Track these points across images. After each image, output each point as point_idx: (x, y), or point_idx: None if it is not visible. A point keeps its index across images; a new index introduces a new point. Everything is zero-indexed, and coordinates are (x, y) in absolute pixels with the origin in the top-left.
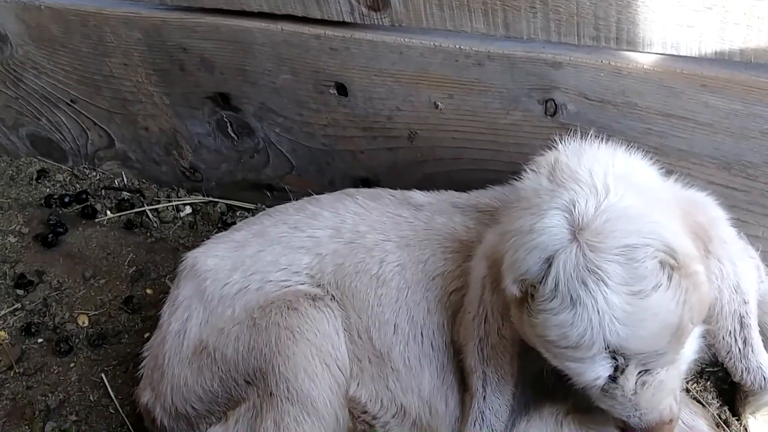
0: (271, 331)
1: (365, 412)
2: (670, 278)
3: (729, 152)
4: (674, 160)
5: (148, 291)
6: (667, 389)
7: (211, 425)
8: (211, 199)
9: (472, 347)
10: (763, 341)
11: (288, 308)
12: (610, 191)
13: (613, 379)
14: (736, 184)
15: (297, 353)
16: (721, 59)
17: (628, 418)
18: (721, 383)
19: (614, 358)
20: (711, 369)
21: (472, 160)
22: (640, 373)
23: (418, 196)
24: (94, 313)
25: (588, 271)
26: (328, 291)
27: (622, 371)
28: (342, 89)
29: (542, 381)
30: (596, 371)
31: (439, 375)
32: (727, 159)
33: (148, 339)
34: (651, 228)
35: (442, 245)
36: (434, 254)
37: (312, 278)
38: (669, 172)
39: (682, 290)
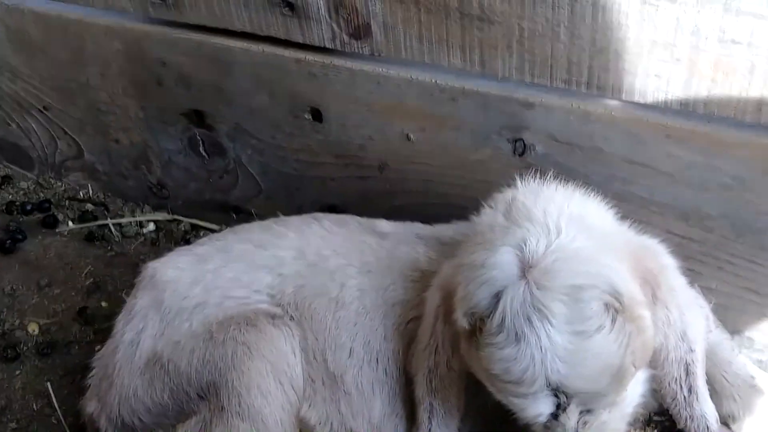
0: (228, 346)
1: None
2: (613, 321)
3: (688, 203)
4: (635, 207)
5: (103, 304)
6: (608, 431)
7: None
8: (176, 217)
9: (421, 377)
10: (711, 391)
11: (247, 324)
12: (562, 232)
13: (555, 416)
14: (693, 235)
15: (252, 369)
16: (685, 111)
17: None
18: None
19: (556, 396)
20: (658, 418)
21: (441, 194)
22: (582, 412)
23: (383, 224)
24: (45, 321)
25: (533, 308)
26: (287, 311)
27: (564, 409)
28: (317, 115)
29: (490, 416)
30: (538, 408)
31: (391, 402)
32: (686, 210)
33: (99, 351)
34: (598, 270)
35: (404, 274)
36: (395, 282)
37: (272, 297)
38: (628, 219)
39: (625, 333)
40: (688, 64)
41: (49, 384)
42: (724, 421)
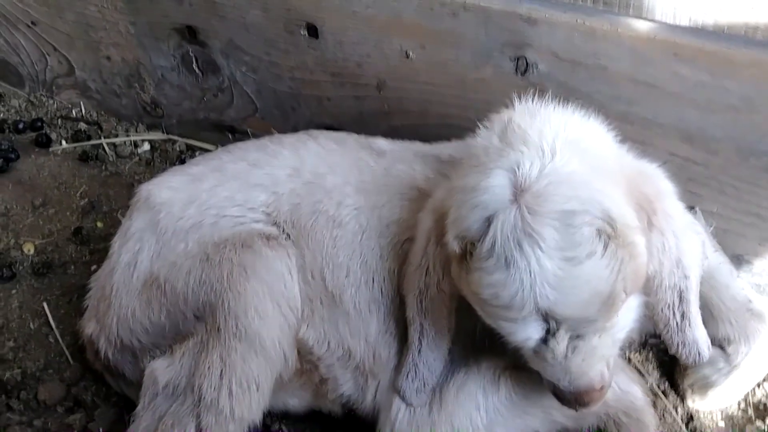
0: (224, 267)
1: (311, 353)
2: (605, 247)
3: (693, 124)
4: (638, 128)
5: (99, 224)
6: (598, 356)
7: (155, 358)
8: (170, 136)
9: (412, 298)
10: (707, 314)
11: (242, 246)
12: (557, 155)
13: (544, 341)
14: (697, 157)
15: (248, 290)
16: (694, 28)
17: (558, 381)
18: (662, 355)
19: (546, 321)
20: (654, 340)
21: (439, 114)
22: (571, 338)
23: (381, 142)
24: (40, 241)
25: (524, 233)
26: (283, 230)
27: (553, 334)
28: (313, 30)
29: (479, 338)
30: (527, 332)
31: (386, 322)
32: (690, 131)
33: (95, 272)
34: (592, 195)
35: (400, 192)
36: (391, 201)
37: (268, 216)
38: (630, 140)
39: (617, 260)
40: None
41: (45, 304)
42: (720, 344)
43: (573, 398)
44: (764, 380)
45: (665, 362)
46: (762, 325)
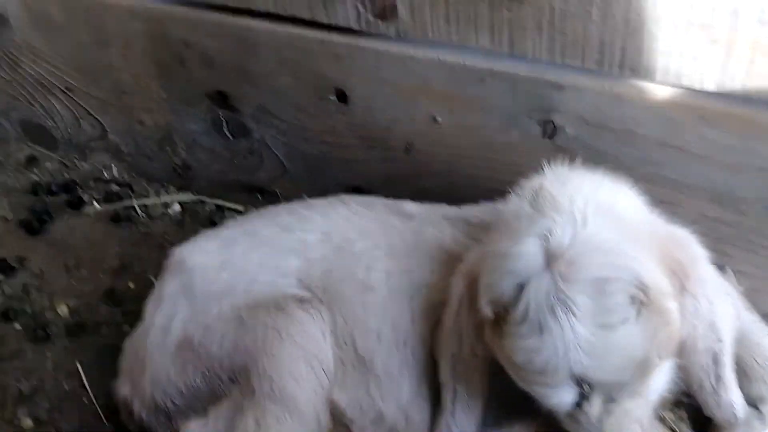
0: (258, 330)
1: (344, 416)
2: (639, 313)
3: (722, 186)
4: (667, 191)
5: (131, 285)
6: (632, 418)
7: (189, 420)
8: (201, 198)
9: (445, 362)
10: (740, 373)
11: (276, 309)
12: (588, 222)
13: (578, 405)
14: (726, 218)
15: (283, 353)
16: (721, 93)
17: None
18: (696, 413)
19: (579, 385)
20: (687, 399)
21: (467, 176)
22: (605, 401)
23: (410, 206)
24: (74, 302)
25: (557, 300)
26: (315, 295)
27: (587, 398)
28: (342, 96)
29: (513, 402)
30: (561, 396)
31: (418, 385)
32: (720, 193)
33: (128, 332)
34: (624, 262)
35: (430, 256)
36: (421, 264)
37: (300, 282)
38: (659, 202)
39: (650, 326)
40: (725, 45)
41: (79, 365)
42: (753, 404)
43: None
44: None
45: (698, 421)
46: None
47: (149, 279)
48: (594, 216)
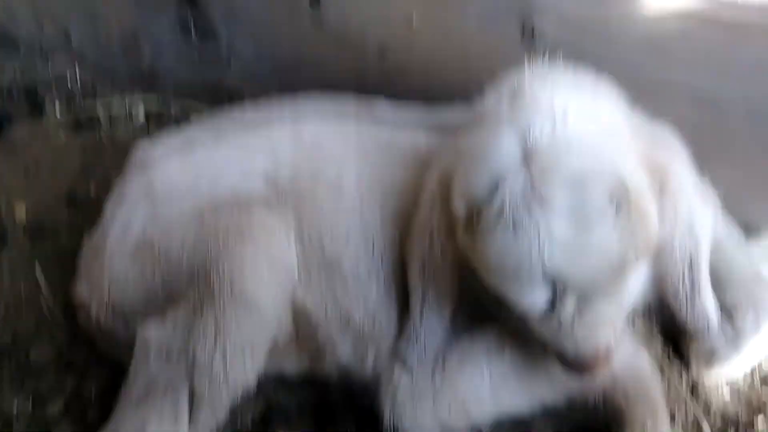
0: (220, 231)
1: (309, 319)
2: (617, 213)
3: (704, 89)
4: (649, 92)
5: (92, 190)
6: (604, 321)
7: (147, 322)
8: (167, 102)
9: (414, 265)
10: (716, 282)
11: (239, 210)
12: (568, 120)
13: (550, 307)
14: (708, 122)
15: (244, 255)
16: None
17: (564, 348)
18: (668, 324)
19: (553, 286)
20: (659, 308)
21: (442, 83)
22: (578, 302)
23: (383, 108)
24: (33, 206)
25: (534, 196)
26: (282, 196)
27: (560, 299)
28: None
29: (484, 305)
30: (534, 297)
31: (387, 290)
32: (701, 96)
33: (88, 236)
34: (604, 160)
35: (402, 160)
36: (393, 168)
37: (267, 182)
38: (641, 104)
39: (628, 227)
40: None
41: (37, 267)
42: (728, 314)
43: (578, 365)
44: None
45: (670, 331)
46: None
47: (111, 184)
48: (574, 115)
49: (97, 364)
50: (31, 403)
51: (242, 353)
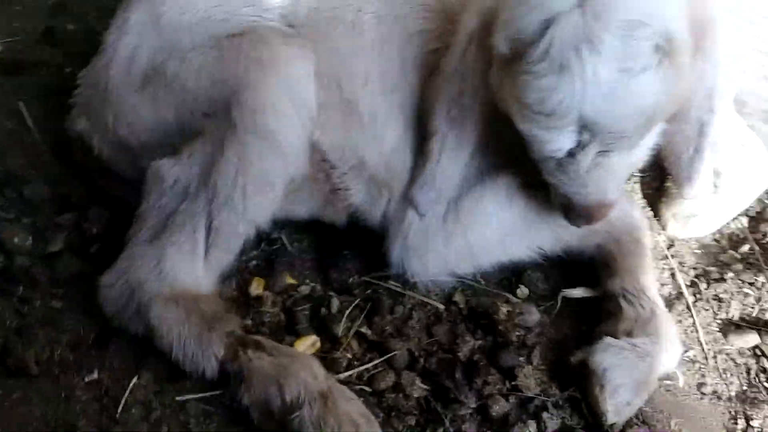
0: (240, 62)
1: (324, 160)
2: (659, 64)
3: None
4: None
5: (70, 26)
6: (616, 174)
7: (157, 158)
8: None
9: (440, 106)
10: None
11: (259, 41)
12: None
13: (572, 153)
14: None
15: (266, 87)
16: None
17: (573, 195)
18: (646, 188)
19: (580, 133)
20: (641, 174)
21: None
22: (599, 153)
23: None
24: (8, 40)
25: (585, 39)
26: (300, 32)
27: (583, 147)
28: None
29: (502, 151)
30: (560, 142)
31: (403, 134)
32: None
33: (70, 74)
34: (657, 9)
35: (425, 2)
36: (415, 10)
37: (284, 18)
38: None
39: (667, 79)
40: None
41: (22, 103)
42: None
43: (583, 213)
44: (740, 215)
45: (649, 194)
46: (750, 158)
47: (89, 21)
48: None
49: (95, 201)
50: (32, 239)
51: (262, 188)
